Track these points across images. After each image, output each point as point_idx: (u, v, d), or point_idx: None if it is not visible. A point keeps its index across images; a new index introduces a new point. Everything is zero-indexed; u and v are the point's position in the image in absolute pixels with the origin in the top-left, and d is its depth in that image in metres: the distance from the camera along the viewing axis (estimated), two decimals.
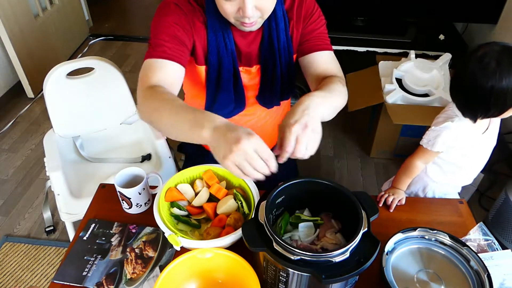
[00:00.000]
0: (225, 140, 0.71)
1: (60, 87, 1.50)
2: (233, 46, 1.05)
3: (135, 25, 3.65)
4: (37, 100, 2.72)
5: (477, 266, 0.85)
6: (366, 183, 2.14)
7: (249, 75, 1.12)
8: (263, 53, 1.08)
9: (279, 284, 0.77)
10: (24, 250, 1.80)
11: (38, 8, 2.76)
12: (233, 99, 1.13)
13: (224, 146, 0.71)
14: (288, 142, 0.76)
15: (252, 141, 0.70)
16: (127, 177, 1.06)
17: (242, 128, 0.72)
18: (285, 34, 1.06)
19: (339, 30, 2.49)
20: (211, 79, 1.08)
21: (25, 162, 2.27)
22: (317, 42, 1.07)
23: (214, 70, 1.06)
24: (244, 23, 0.94)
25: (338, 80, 1.00)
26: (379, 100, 2.05)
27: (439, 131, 1.10)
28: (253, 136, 0.71)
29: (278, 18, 1.04)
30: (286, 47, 1.08)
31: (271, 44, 1.06)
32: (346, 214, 0.81)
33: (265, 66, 1.10)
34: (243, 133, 0.70)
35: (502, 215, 1.71)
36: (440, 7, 2.36)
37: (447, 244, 0.90)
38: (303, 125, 0.77)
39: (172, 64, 0.95)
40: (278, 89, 1.14)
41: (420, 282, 0.85)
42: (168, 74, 0.94)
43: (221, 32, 1.02)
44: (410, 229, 0.92)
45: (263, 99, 1.18)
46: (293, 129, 0.76)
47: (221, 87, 1.09)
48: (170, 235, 0.87)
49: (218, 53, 1.04)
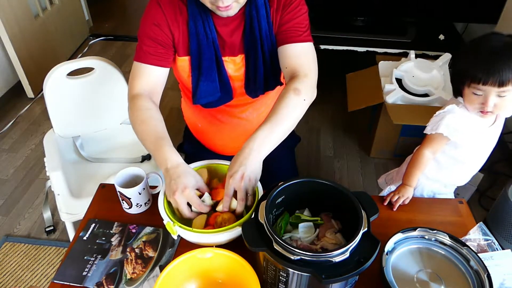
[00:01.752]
0: (168, 186, 0.90)
1: (60, 87, 1.50)
2: (214, 35, 1.06)
3: (135, 25, 3.63)
4: (37, 100, 2.72)
5: (477, 266, 0.85)
6: (366, 183, 2.14)
7: (234, 65, 1.12)
8: (246, 42, 1.08)
9: (279, 284, 0.77)
10: (24, 250, 1.80)
11: (38, 8, 2.76)
12: (218, 88, 1.13)
13: (168, 188, 0.90)
14: (227, 191, 0.89)
15: (185, 194, 0.87)
16: (127, 177, 1.06)
17: (183, 178, 0.88)
18: (266, 21, 1.05)
19: (339, 30, 2.49)
20: (193, 67, 1.10)
21: (25, 162, 2.27)
22: (291, 33, 1.05)
23: (195, 58, 1.08)
24: (219, 7, 0.95)
25: (292, 92, 0.98)
26: (379, 100, 2.05)
27: (443, 114, 1.11)
28: (186, 190, 0.87)
29: (258, 5, 1.03)
30: (269, 35, 1.07)
31: (252, 32, 1.06)
32: (346, 214, 0.81)
33: (248, 55, 1.10)
34: (180, 187, 0.87)
35: (502, 215, 1.71)
36: (440, 7, 2.36)
37: (447, 244, 0.90)
38: (239, 177, 0.88)
39: (154, 69, 1.06)
40: (262, 78, 1.13)
41: (420, 282, 0.85)
42: (150, 80, 1.07)
43: (201, 21, 1.03)
44: (410, 229, 0.92)
45: (248, 88, 1.17)
46: (230, 181, 0.88)
47: (203, 75, 1.10)
48: (167, 222, 0.88)
49: (198, 41, 1.06)
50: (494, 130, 1.15)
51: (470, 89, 1.03)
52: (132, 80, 1.07)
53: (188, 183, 0.88)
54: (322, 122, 2.54)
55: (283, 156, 1.37)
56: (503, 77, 0.97)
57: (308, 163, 2.25)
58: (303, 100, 0.99)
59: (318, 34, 2.40)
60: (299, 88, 0.99)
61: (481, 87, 1.00)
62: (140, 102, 1.02)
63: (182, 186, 0.87)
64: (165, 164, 0.91)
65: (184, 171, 0.90)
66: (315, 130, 2.48)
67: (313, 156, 2.31)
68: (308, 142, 2.39)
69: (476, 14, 2.35)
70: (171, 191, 0.88)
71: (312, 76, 1.04)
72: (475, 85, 1.01)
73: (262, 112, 1.26)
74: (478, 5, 2.30)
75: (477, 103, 1.04)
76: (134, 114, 1.01)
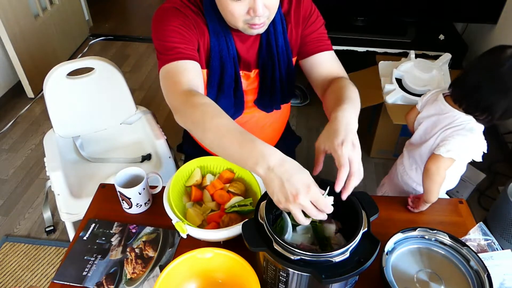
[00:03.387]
0: (281, 189, 0.70)
1: (60, 87, 1.50)
2: (235, 51, 1.04)
3: (135, 25, 3.64)
4: (37, 100, 2.72)
5: (477, 266, 0.85)
6: (366, 183, 2.14)
7: (247, 80, 1.12)
8: (262, 57, 1.07)
9: (279, 284, 0.77)
10: (24, 250, 1.80)
11: (38, 8, 2.76)
12: (233, 104, 1.12)
13: (280, 194, 0.70)
14: (343, 166, 0.75)
15: (310, 194, 0.70)
16: (127, 177, 1.06)
17: (299, 174, 0.71)
18: (283, 37, 1.05)
19: (339, 30, 2.49)
20: (212, 84, 1.06)
21: (25, 162, 2.27)
22: (318, 43, 1.07)
23: (216, 75, 1.05)
24: (254, 24, 0.92)
25: (349, 82, 0.99)
26: (379, 100, 2.05)
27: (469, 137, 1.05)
28: (311, 189, 0.70)
29: (276, 21, 1.02)
30: (285, 50, 1.07)
31: (269, 47, 1.05)
32: (346, 214, 0.81)
33: (264, 70, 1.09)
34: (302, 186, 0.69)
35: (502, 215, 1.71)
36: (440, 7, 2.36)
37: (447, 244, 0.90)
38: (351, 144, 0.76)
39: (193, 64, 0.93)
40: (278, 93, 1.13)
41: (420, 282, 0.85)
42: (194, 74, 0.92)
43: (224, 37, 1.00)
44: (410, 229, 0.92)
45: (263, 103, 1.17)
46: (344, 150, 0.75)
47: (223, 92, 1.08)
48: (177, 222, 0.88)
49: (220, 58, 1.02)
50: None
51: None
52: (171, 81, 0.90)
53: (310, 180, 0.71)
54: (322, 122, 2.51)
55: None
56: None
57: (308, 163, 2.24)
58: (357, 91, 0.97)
59: None
60: (351, 82, 1.01)
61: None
62: (198, 97, 0.84)
63: (305, 186, 0.70)
64: (266, 162, 0.71)
65: (297, 166, 0.72)
66: (315, 130, 2.48)
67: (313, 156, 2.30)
68: (308, 142, 2.39)
69: (476, 14, 2.35)
70: (287, 196, 0.70)
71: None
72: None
73: (267, 123, 1.24)
74: (478, 5, 2.30)
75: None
76: (197, 111, 0.81)
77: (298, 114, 2.60)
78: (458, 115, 1.07)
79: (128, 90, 1.60)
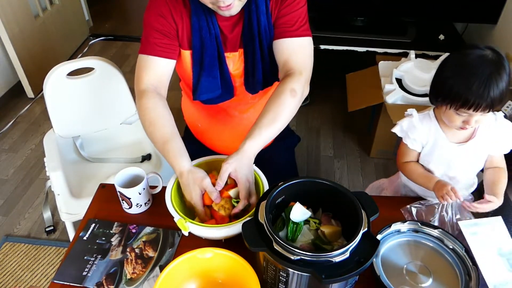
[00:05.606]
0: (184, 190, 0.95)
1: (60, 87, 1.50)
2: (217, 30, 1.05)
3: (135, 25, 3.65)
4: (37, 100, 2.72)
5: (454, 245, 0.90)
6: (366, 183, 2.14)
7: (235, 62, 1.12)
8: (244, 36, 1.07)
9: (279, 284, 0.77)
10: (24, 250, 1.80)
11: (38, 8, 2.76)
12: (220, 85, 1.13)
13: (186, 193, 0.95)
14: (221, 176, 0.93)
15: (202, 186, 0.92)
16: (127, 177, 1.06)
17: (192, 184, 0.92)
18: (266, 17, 1.04)
19: (339, 30, 2.49)
20: (195, 63, 1.09)
21: (25, 162, 2.27)
22: (288, 27, 1.03)
23: (197, 53, 1.07)
24: (220, 7, 0.94)
25: (289, 93, 0.98)
26: (379, 100, 2.05)
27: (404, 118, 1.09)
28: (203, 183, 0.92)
29: (258, 0, 1.02)
30: (268, 30, 1.05)
31: (251, 26, 1.04)
32: (346, 214, 0.81)
33: (246, 50, 1.09)
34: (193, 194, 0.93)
35: (502, 215, 1.71)
36: (440, 7, 2.36)
37: (434, 236, 0.93)
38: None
39: (160, 61, 1.04)
40: (260, 72, 1.12)
41: (409, 273, 0.87)
42: (157, 72, 1.05)
43: (204, 16, 1.02)
44: (399, 222, 0.95)
45: (248, 84, 1.16)
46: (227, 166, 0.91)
47: (205, 70, 1.09)
48: (179, 219, 0.88)
49: (200, 36, 1.04)
50: (467, 150, 1.05)
51: (454, 109, 0.95)
52: (139, 74, 1.06)
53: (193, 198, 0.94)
54: (322, 122, 2.54)
55: (283, 156, 1.37)
56: (494, 104, 0.90)
57: (308, 163, 2.25)
58: (298, 100, 1.01)
59: (318, 34, 2.40)
60: (295, 89, 0.99)
61: (470, 112, 0.92)
62: (146, 101, 1.01)
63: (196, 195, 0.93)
64: (177, 170, 0.95)
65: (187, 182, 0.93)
66: (315, 130, 2.48)
67: (313, 156, 2.31)
68: (308, 142, 2.39)
69: (476, 14, 2.35)
70: (186, 195, 0.96)
71: (307, 73, 1.04)
72: (463, 109, 0.93)
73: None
74: (478, 5, 2.30)
75: (459, 122, 0.97)
76: (142, 115, 1.01)
77: (298, 114, 2.57)
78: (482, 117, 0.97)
79: (128, 90, 1.60)
